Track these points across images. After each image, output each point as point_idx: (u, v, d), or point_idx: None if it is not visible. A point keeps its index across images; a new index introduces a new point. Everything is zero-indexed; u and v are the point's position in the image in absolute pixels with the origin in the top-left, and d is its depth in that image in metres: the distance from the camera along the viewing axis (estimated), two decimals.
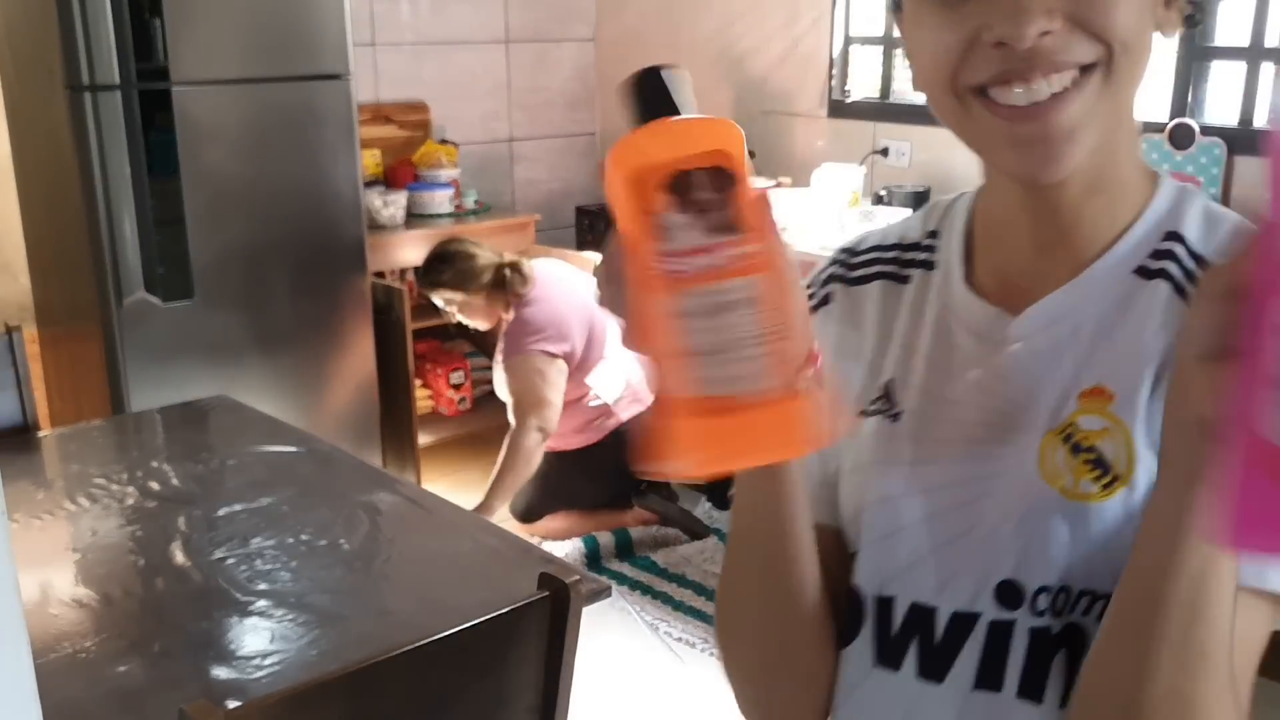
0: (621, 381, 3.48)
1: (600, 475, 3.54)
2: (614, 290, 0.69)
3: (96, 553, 1.80)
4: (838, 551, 0.90)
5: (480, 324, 3.54)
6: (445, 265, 3.40)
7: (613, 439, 3.49)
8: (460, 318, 3.51)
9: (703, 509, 3.78)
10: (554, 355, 3.34)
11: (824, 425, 0.66)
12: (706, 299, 0.65)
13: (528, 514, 3.54)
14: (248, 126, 3.16)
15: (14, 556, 0.86)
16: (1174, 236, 0.81)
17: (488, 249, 3.47)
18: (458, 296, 3.42)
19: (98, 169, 2.91)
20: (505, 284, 3.40)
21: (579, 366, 3.40)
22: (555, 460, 3.53)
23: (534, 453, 3.37)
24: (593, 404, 3.44)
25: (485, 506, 3.41)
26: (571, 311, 3.41)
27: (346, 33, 3.26)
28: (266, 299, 3.27)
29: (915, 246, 0.92)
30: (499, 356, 3.44)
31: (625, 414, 3.49)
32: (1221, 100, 3.17)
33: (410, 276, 4.04)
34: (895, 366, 0.88)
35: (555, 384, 3.34)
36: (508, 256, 3.48)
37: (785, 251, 0.67)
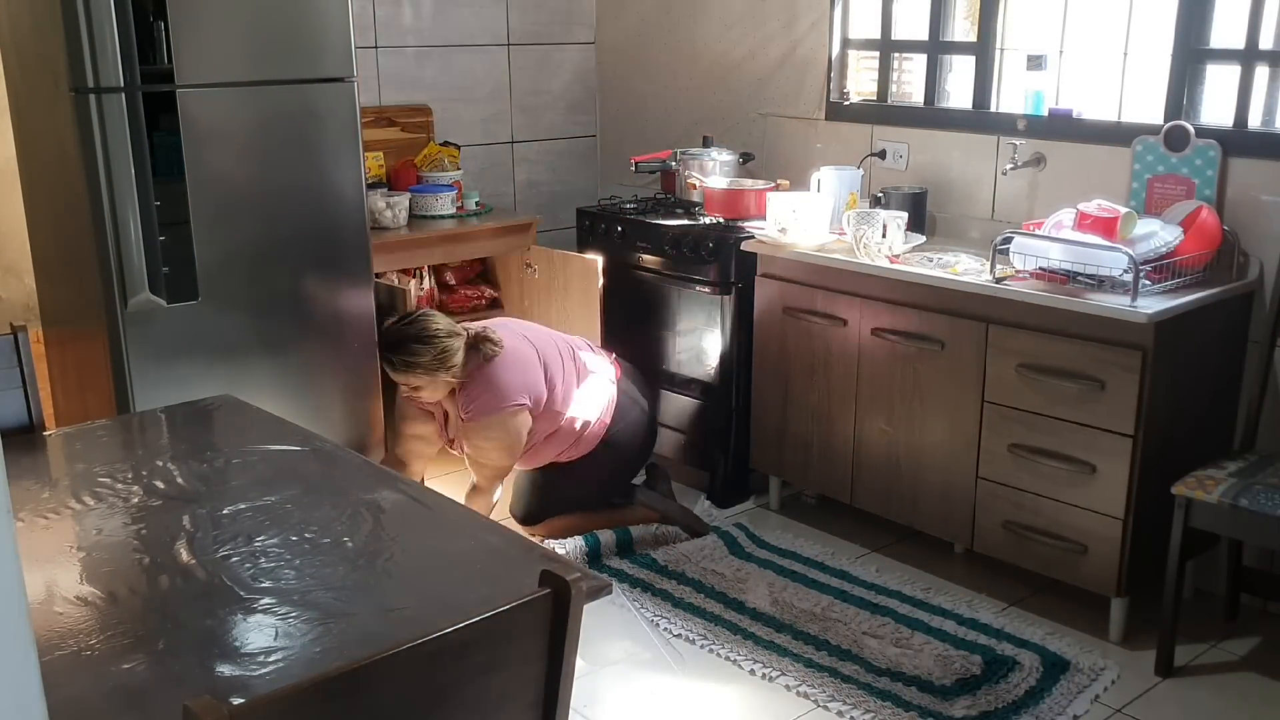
0: (599, 401, 3.48)
1: (597, 480, 3.57)
2: None
3: (101, 551, 1.82)
4: None
5: (436, 397, 3.32)
6: (424, 348, 3.20)
7: (603, 446, 3.50)
8: (422, 395, 3.30)
9: (702, 507, 3.79)
10: (524, 406, 3.30)
11: None
12: None
13: (528, 519, 3.55)
14: (252, 129, 3.17)
15: (19, 555, 0.88)
16: None
17: (445, 319, 3.31)
18: (427, 379, 3.24)
19: (102, 171, 2.92)
20: (479, 355, 3.26)
21: (547, 407, 3.35)
22: (552, 472, 3.53)
23: (495, 499, 3.47)
24: (576, 425, 3.43)
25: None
26: (529, 362, 3.34)
27: (350, 36, 3.28)
28: (270, 300, 3.28)
29: None
30: (463, 416, 3.28)
31: (610, 418, 3.50)
32: (1217, 102, 3.17)
33: (413, 277, 4.06)
34: None
35: (524, 434, 3.33)
36: (471, 328, 3.33)
37: None
